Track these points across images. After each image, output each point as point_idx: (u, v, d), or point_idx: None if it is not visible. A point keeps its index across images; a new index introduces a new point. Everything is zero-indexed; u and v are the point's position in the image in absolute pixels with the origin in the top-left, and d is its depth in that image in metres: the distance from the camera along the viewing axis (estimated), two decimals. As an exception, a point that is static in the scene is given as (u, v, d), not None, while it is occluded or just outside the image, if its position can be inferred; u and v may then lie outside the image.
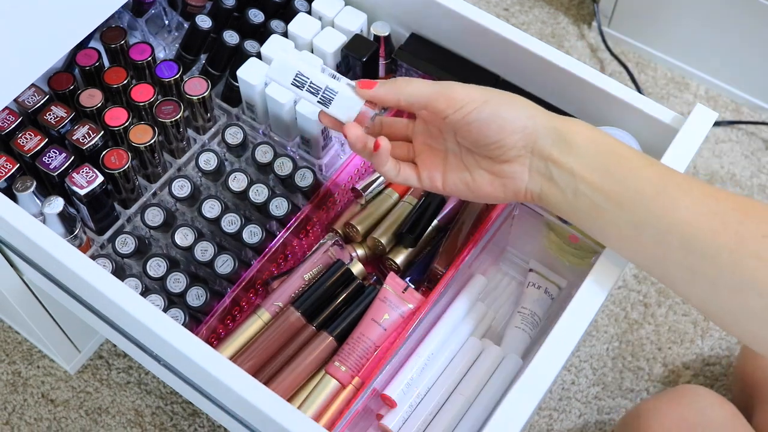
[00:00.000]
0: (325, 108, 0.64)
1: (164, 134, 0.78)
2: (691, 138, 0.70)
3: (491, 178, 0.63)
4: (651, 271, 0.60)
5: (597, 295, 0.64)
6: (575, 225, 0.63)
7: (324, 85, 0.64)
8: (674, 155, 0.69)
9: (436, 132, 0.66)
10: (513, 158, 0.62)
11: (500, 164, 0.62)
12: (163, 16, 0.86)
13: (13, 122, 0.75)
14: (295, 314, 0.71)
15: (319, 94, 0.64)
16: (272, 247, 0.75)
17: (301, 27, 0.82)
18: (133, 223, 0.78)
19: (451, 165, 0.65)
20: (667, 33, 1.28)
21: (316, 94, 0.64)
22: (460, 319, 0.77)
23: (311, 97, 0.64)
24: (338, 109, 0.64)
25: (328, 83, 0.64)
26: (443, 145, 0.65)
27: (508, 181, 0.63)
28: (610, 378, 1.06)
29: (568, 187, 0.61)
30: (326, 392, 0.69)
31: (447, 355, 0.75)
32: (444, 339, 0.75)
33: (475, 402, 0.73)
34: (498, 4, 1.41)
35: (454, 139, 0.64)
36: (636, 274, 1.13)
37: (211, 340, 0.73)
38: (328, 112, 0.65)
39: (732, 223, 0.55)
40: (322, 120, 0.66)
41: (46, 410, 1.03)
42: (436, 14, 0.79)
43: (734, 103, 1.29)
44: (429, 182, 0.66)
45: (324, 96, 0.64)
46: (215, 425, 1.02)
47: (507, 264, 0.87)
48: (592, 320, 0.64)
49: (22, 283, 0.85)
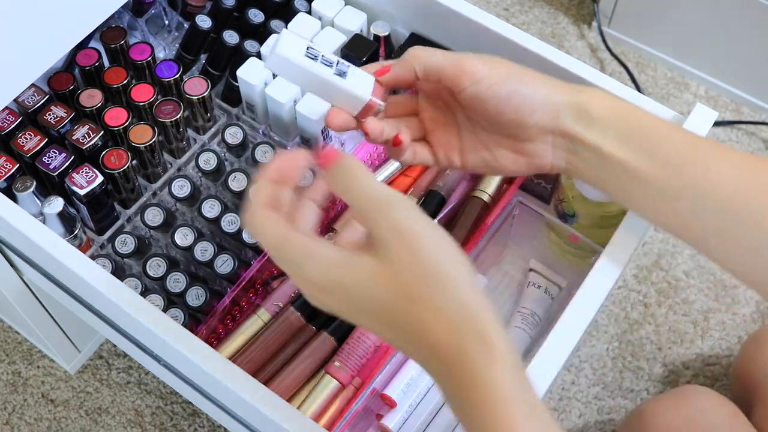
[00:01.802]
0: (342, 80, 0.60)
1: (164, 134, 0.78)
2: (691, 138, 0.70)
3: (514, 157, 0.62)
4: (689, 239, 0.59)
5: (597, 295, 0.64)
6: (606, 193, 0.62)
7: (336, 58, 0.60)
8: (674, 155, 0.69)
9: (442, 106, 0.64)
10: (534, 136, 0.60)
11: (521, 142, 0.61)
12: (163, 16, 0.86)
13: (13, 122, 0.75)
14: (295, 314, 0.71)
15: (334, 66, 0.60)
16: (272, 247, 0.75)
17: (301, 27, 0.82)
18: (133, 223, 0.78)
19: (467, 144, 0.63)
20: (667, 33, 1.28)
21: (331, 66, 0.60)
22: (460, 319, 0.77)
23: (326, 69, 0.59)
24: (354, 82, 0.60)
25: (338, 59, 0.60)
26: (453, 120, 0.63)
27: (531, 158, 0.61)
28: (610, 378, 1.06)
29: (595, 162, 0.59)
30: (326, 392, 0.69)
31: (447, 355, 0.75)
32: (444, 339, 0.75)
33: (475, 402, 0.73)
34: (498, 4, 1.41)
35: (464, 114, 0.62)
36: (636, 274, 1.13)
37: (210, 340, 0.73)
38: (346, 87, 0.60)
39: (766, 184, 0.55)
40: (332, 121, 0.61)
41: (46, 410, 1.03)
42: (436, 14, 0.79)
43: (734, 103, 1.29)
44: (446, 162, 0.64)
45: (339, 69, 0.60)
46: (215, 425, 1.02)
47: (507, 264, 0.87)
48: (592, 320, 0.64)
49: (22, 283, 0.85)
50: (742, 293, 1.12)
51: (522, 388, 0.46)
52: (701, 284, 1.13)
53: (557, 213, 0.81)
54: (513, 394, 0.45)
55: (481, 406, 0.45)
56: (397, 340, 0.49)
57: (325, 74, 0.59)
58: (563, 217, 0.80)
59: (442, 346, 0.46)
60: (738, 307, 1.11)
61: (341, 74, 0.60)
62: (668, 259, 1.14)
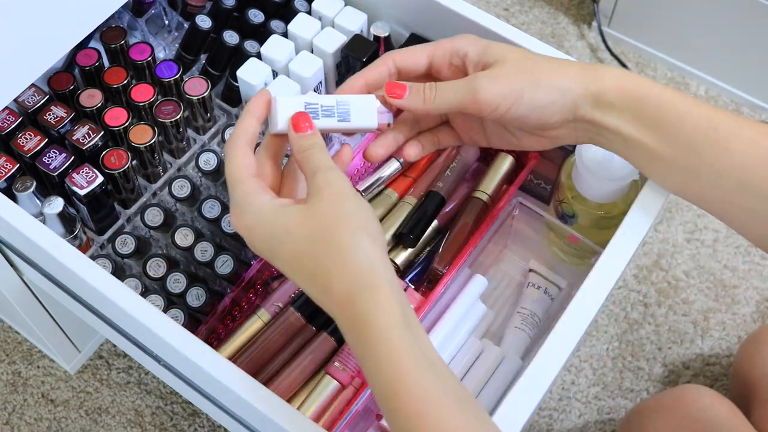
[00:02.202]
0: (348, 123, 0.62)
1: (164, 134, 0.78)
2: (691, 138, 0.70)
3: (539, 140, 0.65)
4: (711, 211, 0.62)
5: (597, 295, 0.64)
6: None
7: (333, 101, 0.62)
8: (674, 155, 0.69)
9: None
10: (557, 126, 0.63)
11: (546, 131, 0.64)
12: (163, 16, 0.86)
13: (13, 122, 0.75)
14: (295, 314, 0.71)
15: (335, 113, 0.62)
16: (272, 247, 0.75)
17: (301, 27, 0.82)
18: (133, 224, 0.78)
19: (491, 130, 0.67)
20: (667, 33, 1.28)
21: (333, 115, 0.62)
22: (459, 320, 0.77)
23: (330, 120, 0.61)
24: (359, 117, 0.62)
25: (335, 99, 0.62)
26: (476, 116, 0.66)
27: (555, 140, 0.65)
28: (610, 378, 1.06)
29: (618, 141, 0.62)
30: (326, 393, 0.69)
31: (447, 355, 0.75)
32: (444, 339, 0.75)
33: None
34: (498, 4, 1.41)
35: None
36: (636, 274, 1.13)
37: (210, 341, 0.73)
38: (353, 126, 0.62)
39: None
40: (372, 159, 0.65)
41: (46, 410, 1.03)
42: (436, 14, 0.79)
43: (734, 103, 1.29)
44: (471, 143, 0.69)
45: (340, 112, 0.62)
46: (215, 425, 1.02)
47: (506, 264, 0.87)
48: (592, 320, 0.64)
49: (22, 283, 0.85)
50: (742, 293, 1.12)
51: (410, 334, 0.52)
52: (701, 284, 1.13)
53: (557, 214, 0.81)
54: (399, 339, 0.51)
55: (370, 348, 0.52)
56: (304, 282, 0.55)
57: (331, 125, 0.62)
58: (563, 218, 0.80)
59: (336, 293, 0.53)
60: (738, 307, 1.11)
61: (345, 118, 0.62)
62: (668, 259, 1.14)
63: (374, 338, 0.52)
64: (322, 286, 0.54)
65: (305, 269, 0.55)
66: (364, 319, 0.52)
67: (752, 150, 0.57)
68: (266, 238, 0.56)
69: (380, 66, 0.64)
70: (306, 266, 0.54)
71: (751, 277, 1.13)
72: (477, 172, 0.81)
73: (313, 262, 0.54)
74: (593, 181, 0.74)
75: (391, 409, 0.51)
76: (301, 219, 0.55)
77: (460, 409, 0.50)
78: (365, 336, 0.52)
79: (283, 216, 0.55)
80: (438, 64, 0.65)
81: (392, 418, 0.51)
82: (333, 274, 0.53)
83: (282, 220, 0.55)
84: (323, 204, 0.55)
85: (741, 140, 0.57)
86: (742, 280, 1.13)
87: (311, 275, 0.54)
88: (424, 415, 0.49)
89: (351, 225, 0.54)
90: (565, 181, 0.78)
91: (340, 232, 0.53)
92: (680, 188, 0.62)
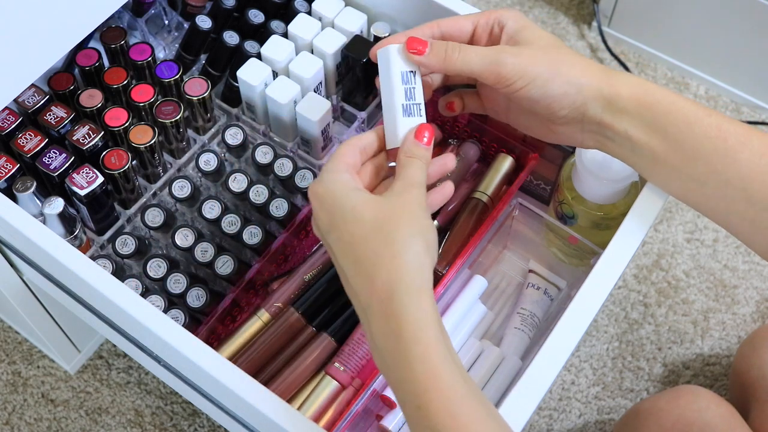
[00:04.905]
0: (401, 116, 0.61)
1: (164, 135, 0.78)
2: (691, 139, 0.70)
3: (548, 132, 0.66)
4: (716, 220, 0.62)
5: (597, 295, 0.64)
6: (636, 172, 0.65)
7: (421, 99, 0.62)
8: (674, 156, 0.69)
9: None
10: (566, 123, 0.63)
11: (554, 124, 0.64)
12: (163, 16, 0.86)
13: (13, 122, 0.75)
14: (295, 315, 0.71)
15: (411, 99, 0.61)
16: (272, 247, 0.75)
17: (301, 27, 0.82)
18: (133, 224, 0.78)
19: (513, 109, 0.68)
20: (667, 33, 1.28)
21: (408, 99, 0.61)
22: (459, 320, 0.77)
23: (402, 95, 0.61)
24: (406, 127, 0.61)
25: (423, 101, 0.62)
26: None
27: (562, 138, 0.65)
28: (610, 378, 1.06)
29: (625, 146, 0.62)
30: (326, 393, 0.69)
31: (447, 355, 0.75)
32: (444, 339, 0.75)
33: (474, 402, 0.73)
34: (498, 5, 1.41)
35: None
36: (636, 274, 1.13)
37: (211, 341, 0.73)
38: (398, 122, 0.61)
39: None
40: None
41: (46, 410, 1.03)
42: (435, 15, 0.79)
43: (734, 103, 1.29)
44: (494, 115, 0.70)
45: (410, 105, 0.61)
46: (215, 425, 1.02)
47: (506, 265, 0.87)
48: (592, 320, 0.64)
49: (22, 283, 0.85)
50: (742, 293, 1.12)
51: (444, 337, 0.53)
52: (701, 284, 1.13)
53: (557, 214, 0.81)
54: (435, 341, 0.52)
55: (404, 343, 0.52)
56: (349, 264, 0.56)
57: (397, 96, 0.61)
58: (562, 219, 0.80)
59: (379, 283, 0.53)
60: (738, 307, 1.11)
61: (407, 110, 0.61)
62: (668, 259, 1.14)
63: (410, 336, 0.52)
64: (366, 274, 0.54)
65: (355, 252, 0.55)
66: (402, 316, 0.52)
67: (760, 161, 0.57)
68: (332, 210, 0.57)
69: (425, 29, 0.65)
70: (357, 249, 0.55)
71: (751, 277, 1.13)
72: (477, 173, 0.81)
73: (366, 247, 0.54)
74: (593, 182, 0.74)
75: (419, 406, 0.51)
76: (370, 205, 0.56)
77: (486, 414, 0.51)
78: (400, 332, 0.52)
79: (355, 196, 0.56)
80: (479, 33, 0.65)
81: (418, 416, 0.51)
82: (381, 264, 0.54)
83: (352, 199, 0.56)
84: (397, 202, 0.56)
85: (750, 151, 0.58)
86: (742, 280, 1.13)
87: (359, 259, 0.55)
88: (457, 416, 0.50)
89: (413, 227, 0.55)
90: (565, 182, 0.78)
91: (401, 229, 0.54)
92: (686, 196, 0.62)
